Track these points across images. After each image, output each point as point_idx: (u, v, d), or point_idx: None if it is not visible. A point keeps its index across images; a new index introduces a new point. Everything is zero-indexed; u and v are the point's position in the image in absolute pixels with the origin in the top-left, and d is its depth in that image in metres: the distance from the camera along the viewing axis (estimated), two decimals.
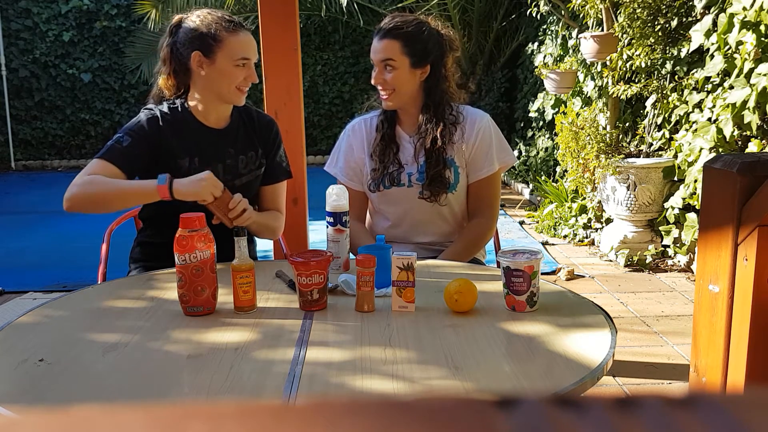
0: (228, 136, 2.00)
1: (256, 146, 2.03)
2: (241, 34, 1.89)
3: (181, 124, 1.95)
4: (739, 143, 3.47)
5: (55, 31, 8.86)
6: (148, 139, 1.90)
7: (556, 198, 5.26)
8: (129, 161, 1.86)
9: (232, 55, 1.87)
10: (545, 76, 5.02)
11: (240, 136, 2.01)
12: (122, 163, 1.85)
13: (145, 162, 1.89)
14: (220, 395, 1.11)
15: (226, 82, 1.89)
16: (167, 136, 1.92)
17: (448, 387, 1.14)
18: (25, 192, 7.69)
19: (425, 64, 2.05)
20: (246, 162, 2.00)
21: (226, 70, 1.88)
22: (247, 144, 2.02)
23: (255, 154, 2.02)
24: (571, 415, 0.25)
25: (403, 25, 2.04)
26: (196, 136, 1.96)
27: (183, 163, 1.92)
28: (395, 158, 2.11)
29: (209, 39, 1.87)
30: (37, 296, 3.67)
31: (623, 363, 2.72)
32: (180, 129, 1.94)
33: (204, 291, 1.47)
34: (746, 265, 1.28)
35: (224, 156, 1.97)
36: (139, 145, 1.88)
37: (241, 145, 2.01)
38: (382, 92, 2.07)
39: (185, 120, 1.96)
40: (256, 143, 2.03)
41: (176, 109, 1.97)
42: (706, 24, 3.59)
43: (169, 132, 1.92)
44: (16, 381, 1.18)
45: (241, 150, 2.00)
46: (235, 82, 1.89)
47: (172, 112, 1.96)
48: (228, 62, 1.87)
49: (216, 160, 1.96)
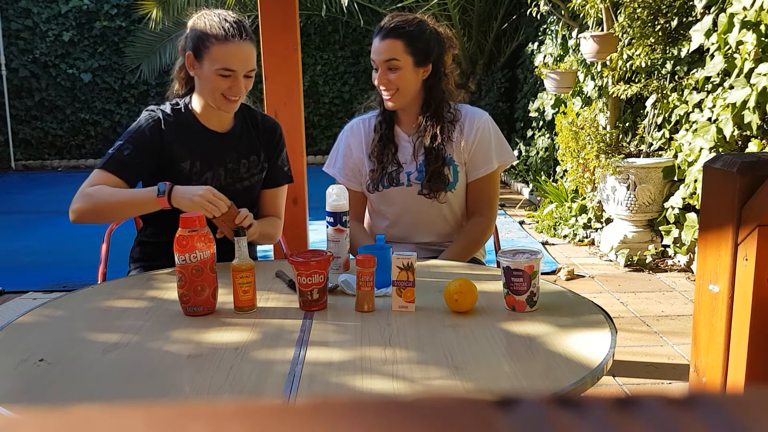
0: (230, 139, 1.99)
1: (259, 150, 2.02)
2: (231, 44, 1.83)
3: (184, 126, 1.94)
4: (739, 143, 3.47)
5: (55, 30, 8.86)
6: (150, 146, 1.89)
7: (556, 198, 5.26)
8: (130, 170, 1.86)
9: (213, 64, 1.84)
10: (545, 76, 5.02)
11: (243, 140, 2.00)
12: (124, 173, 1.85)
13: (147, 169, 1.89)
14: (220, 395, 1.11)
15: (209, 89, 1.87)
16: (169, 140, 1.91)
17: (448, 387, 1.14)
18: (25, 192, 7.69)
19: (427, 63, 2.05)
20: (248, 166, 1.99)
21: (209, 77, 1.85)
22: (250, 148, 2.01)
23: (257, 159, 2.01)
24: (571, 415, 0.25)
25: (405, 25, 2.04)
26: (198, 139, 1.95)
27: (184, 167, 1.91)
28: (394, 158, 2.11)
29: (200, 42, 1.86)
30: (37, 296, 3.67)
31: (623, 363, 2.72)
32: (182, 131, 1.93)
33: (204, 291, 1.47)
34: (746, 265, 1.28)
35: (226, 160, 1.96)
36: (141, 153, 1.88)
37: (243, 149, 1.99)
38: (385, 93, 2.06)
39: (188, 122, 1.95)
40: (258, 147, 2.02)
41: (179, 110, 1.96)
42: (706, 24, 3.59)
43: (170, 135, 1.92)
44: (16, 381, 1.18)
45: (243, 154, 1.99)
46: (218, 90, 1.86)
47: (175, 114, 1.95)
48: (210, 70, 1.85)
49: (217, 164, 1.95)
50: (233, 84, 1.85)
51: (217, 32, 1.84)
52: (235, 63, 1.84)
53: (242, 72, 1.86)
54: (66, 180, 8.26)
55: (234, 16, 1.89)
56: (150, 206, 1.78)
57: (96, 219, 1.85)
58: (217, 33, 1.84)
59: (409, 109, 2.11)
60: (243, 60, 1.85)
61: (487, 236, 2.17)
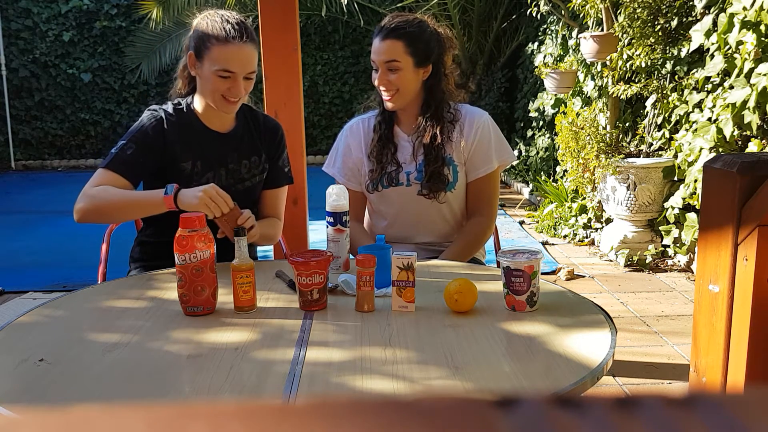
0: (232, 140, 1.99)
1: (260, 151, 2.02)
2: (231, 46, 1.82)
3: (185, 126, 1.94)
4: (739, 143, 3.47)
5: (55, 30, 8.86)
6: (152, 146, 1.89)
7: (556, 198, 5.26)
8: (133, 170, 1.86)
9: (213, 64, 1.83)
10: (545, 76, 5.02)
11: (244, 140, 2.00)
12: (127, 172, 1.85)
13: (149, 169, 1.89)
14: (220, 395, 1.11)
15: (209, 89, 1.87)
16: (171, 140, 1.91)
17: (448, 387, 1.14)
18: (25, 192, 7.69)
19: (428, 64, 2.05)
20: (249, 167, 1.99)
21: (209, 78, 1.85)
22: (251, 149, 2.01)
23: (258, 159, 2.01)
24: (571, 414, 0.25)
25: (406, 25, 2.03)
26: (199, 139, 1.95)
27: (185, 167, 1.91)
28: (393, 158, 2.11)
29: (201, 42, 1.86)
30: (37, 296, 3.67)
31: (623, 363, 2.72)
32: (184, 131, 1.93)
33: (204, 291, 1.47)
34: (746, 264, 1.28)
35: (227, 160, 1.96)
36: (143, 153, 1.88)
37: (245, 150, 1.99)
38: (386, 93, 2.06)
39: (189, 122, 1.95)
40: (260, 148, 2.02)
41: (181, 110, 1.96)
42: (706, 24, 3.59)
43: (172, 135, 1.92)
44: (16, 381, 1.18)
45: (244, 155, 1.99)
46: (217, 91, 1.86)
47: (177, 113, 1.95)
48: (210, 70, 1.84)
49: (219, 164, 1.95)
50: (232, 85, 1.85)
51: (217, 33, 1.83)
52: (235, 64, 1.84)
53: (242, 74, 1.85)
54: (66, 180, 8.27)
55: (237, 18, 1.88)
56: (155, 208, 1.77)
57: (100, 219, 1.86)
58: (218, 34, 1.83)
59: (409, 109, 2.11)
60: (243, 62, 1.85)
61: (487, 236, 2.17)
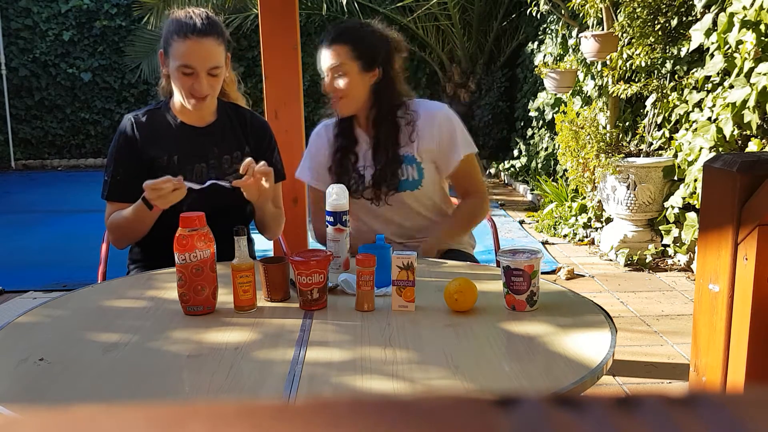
0: (212, 134, 1.99)
1: (244, 146, 2.02)
2: (189, 41, 1.80)
3: (158, 123, 1.96)
4: (739, 142, 3.47)
5: (55, 30, 8.86)
6: (131, 158, 1.94)
7: (556, 197, 5.26)
8: (129, 190, 1.87)
9: (175, 61, 1.83)
10: (545, 75, 5.02)
11: (226, 135, 2.00)
12: (124, 196, 1.90)
13: (141, 178, 1.90)
14: (220, 395, 1.11)
15: (177, 87, 1.88)
16: (143, 142, 1.94)
17: (448, 387, 1.14)
18: (25, 192, 7.69)
19: (374, 67, 2.04)
20: (231, 161, 1.99)
21: (174, 74, 1.86)
22: (233, 144, 2.01)
23: (240, 154, 2.00)
24: (571, 414, 0.25)
25: (349, 30, 2.05)
26: (175, 133, 1.96)
27: (162, 162, 1.93)
28: (354, 168, 2.11)
29: (166, 40, 1.86)
30: (37, 296, 3.67)
31: (623, 362, 2.72)
32: (156, 129, 1.96)
33: (204, 290, 1.47)
34: (746, 264, 1.28)
35: (207, 155, 1.97)
36: (128, 170, 1.93)
37: (226, 145, 1.99)
38: (335, 99, 2.06)
39: (164, 119, 1.97)
40: (244, 143, 2.02)
41: (157, 110, 1.99)
42: (706, 23, 3.59)
43: (144, 138, 1.94)
44: (16, 380, 1.18)
45: (225, 149, 1.99)
46: (183, 87, 1.86)
47: (149, 114, 1.98)
48: (174, 67, 1.84)
49: (198, 158, 1.96)
50: (195, 81, 1.83)
51: (178, 29, 1.82)
52: (194, 59, 1.81)
53: (203, 69, 1.82)
54: (66, 179, 8.27)
55: (203, 12, 1.85)
56: (150, 214, 1.81)
57: (129, 241, 1.99)
58: (178, 29, 1.82)
59: (362, 114, 2.11)
60: (202, 57, 1.82)
61: (483, 209, 2.17)
